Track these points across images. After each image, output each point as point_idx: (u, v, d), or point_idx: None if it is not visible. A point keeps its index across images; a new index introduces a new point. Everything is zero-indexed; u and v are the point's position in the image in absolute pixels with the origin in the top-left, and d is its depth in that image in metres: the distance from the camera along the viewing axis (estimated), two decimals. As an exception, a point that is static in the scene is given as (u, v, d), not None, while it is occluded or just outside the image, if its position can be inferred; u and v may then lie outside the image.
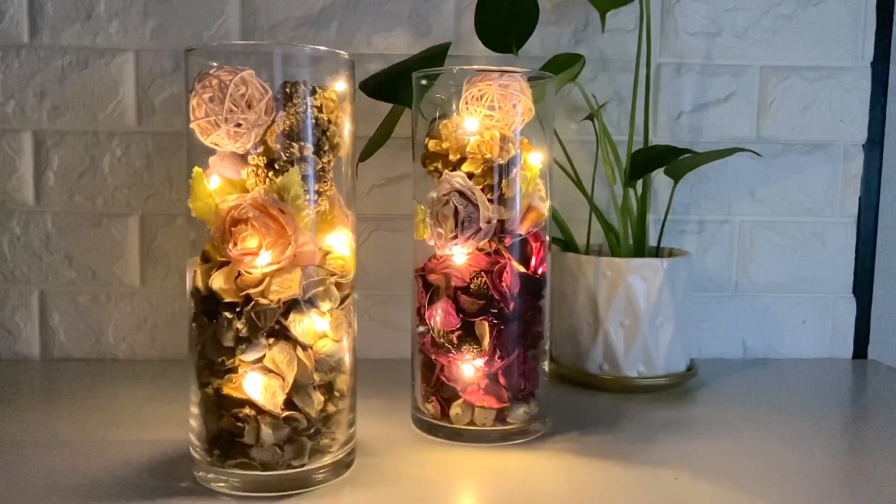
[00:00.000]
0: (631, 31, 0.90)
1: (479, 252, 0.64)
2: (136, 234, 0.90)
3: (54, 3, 0.87)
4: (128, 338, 0.91)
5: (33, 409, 0.73)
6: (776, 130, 0.92)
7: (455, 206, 0.63)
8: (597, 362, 0.80)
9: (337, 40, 0.89)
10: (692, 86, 0.91)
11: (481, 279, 0.64)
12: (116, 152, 0.89)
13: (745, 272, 0.94)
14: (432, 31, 0.89)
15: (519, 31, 0.74)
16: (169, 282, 0.90)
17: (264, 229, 0.52)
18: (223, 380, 0.54)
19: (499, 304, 0.63)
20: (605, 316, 0.78)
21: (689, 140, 0.92)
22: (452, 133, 0.66)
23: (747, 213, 0.93)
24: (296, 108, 0.54)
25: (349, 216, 0.58)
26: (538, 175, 0.66)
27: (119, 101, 0.88)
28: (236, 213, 0.53)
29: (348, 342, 0.58)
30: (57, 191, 0.89)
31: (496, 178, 0.64)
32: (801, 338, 0.95)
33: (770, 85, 0.92)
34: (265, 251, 0.53)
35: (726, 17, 0.91)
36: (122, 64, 0.88)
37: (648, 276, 0.77)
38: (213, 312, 0.54)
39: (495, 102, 0.64)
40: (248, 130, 0.54)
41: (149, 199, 0.89)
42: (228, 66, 0.54)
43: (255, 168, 0.54)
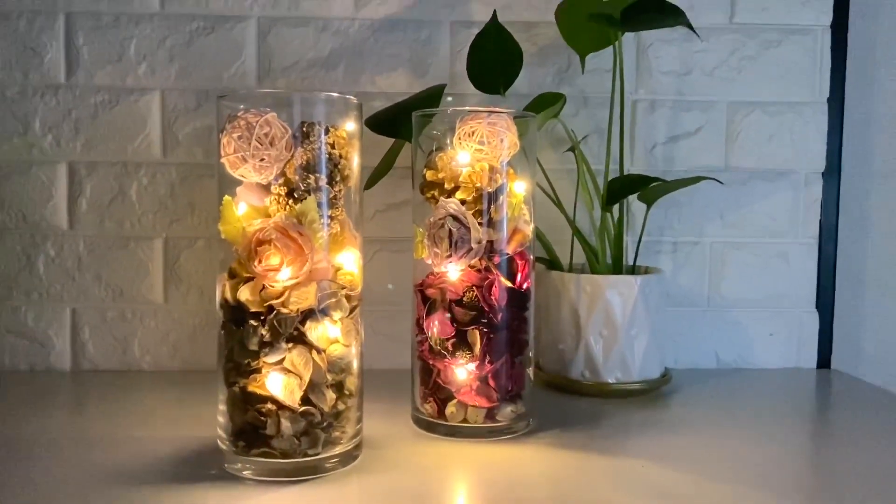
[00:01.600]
0: (608, 71, 0.99)
1: (471, 269, 0.73)
2: (160, 256, 0.98)
3: (89, 47, 0.96)
4: (152, 350, 0.99)
5: (68, 413, 0.81)
6: (742, 160, 1.02)
7: (450, 229, 0.72)
8: (579, 369, 0.88)
9: (344, 80, 0.98)
10: (665, 120, 1.01)
11: (473, 293, 0.72)
12: (143, 181, 0.98)
13: (716, 289, 1.03)
14: (430, 72, 0.99)
15: (506, 75, 0.83)
16: (190, 299, 0.99)
17: (285, 249, 0.61)
18: (248, 379, 0.62)
19: (488, 315, 0.72)
20: (585, 327, 0.87)
21: (664, 169, 1.01)
22: (447, 165, 0.75)
23: (717, 235, 1.02)
24: (312, 145, 0.63)
25: (357, 237, 0.67)
26: (522, 201, 0.75)
27: (146, 135, 0.97)
28: (261, 235, 0.62)
29: (356, 348, 0.66)
30: (89, 216, 0.97)
31: (486, 205, 0.72)
32: (769, 349, 1.03)
33: (736, 119, 1.01)
34: (286, 267, 0.61)
35: (696, 58, 1.00)
36: (150, 102, 0.97)
37: (624, 292, 0.86)
38: (239, 321, 0.63)
39: (485, 138, 0.73)
40: (271, 164, 0.63)
41: (172, 223, 0.98)
42: (254, 110, 0.63)
43: (277, 196, 0.63)
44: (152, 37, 0.97)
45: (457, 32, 0.98)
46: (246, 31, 0.97)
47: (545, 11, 0.98)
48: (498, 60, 0.83)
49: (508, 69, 0.84)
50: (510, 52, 0.84)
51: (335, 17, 0.98)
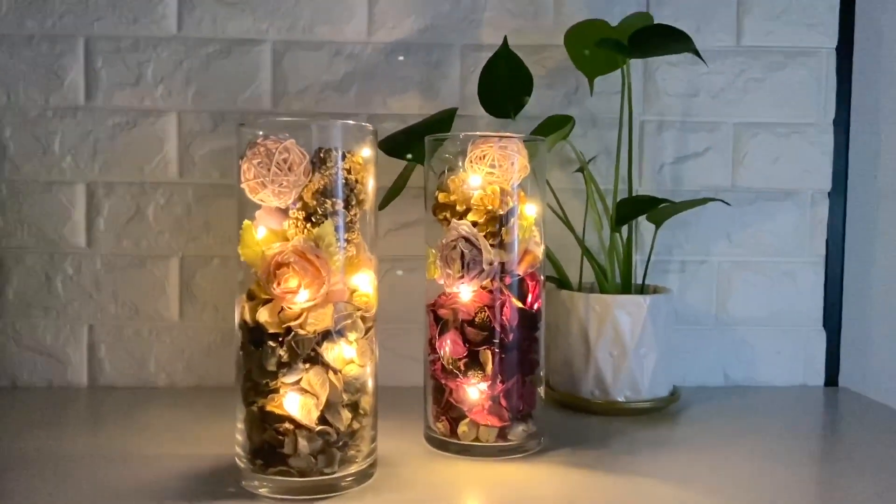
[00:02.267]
0: (616, 93, 1.01)
1: (483, 290, 0.74)
2: (176, 274, 1.00)
3: (108, 70, 0.99)
4: (167, 367, 1.01)
5: (85, 430, 0.83)
6: (749, 180, 1.03)
7: (462, 251, 0.73)
8: (588, 388, 0.89)
9: (357, 102, 1.00)
10: (673, 140, 1.02)
11: (485, 313, 0.74)
12: (160, 201, 1.00)
13: (723, 307, 1.04)
14: (440, 95, 1.01)
15: (516, 99, 0.85)
16: (205, 316, 1.00)
17: (303, 271, 0.63)
18: (267, 399, 0.64)
19: (500, 336, 0.74)
20: (595, 346, 0.88)
21: (671, 189, 1.02)
22: (459, 187, 0.77)
23: (724, 254, 1.03)
24: (329, 170, 0.65)
25: (372, 259, 0.69)
26: (533, 223, 0.76)
27: (163, 156, 1.00)
28: (280, 258, 0.63)
29: (371, 368, 0.68)
30: (106, 235, 0.99)
31: (497, 227, 0.74)
32: (776, 367, 1.04)
33: (743, 140, 1.03)
34: (304, 290, 0.63)
35: (702, 80, 1.02)
36: (167, 123, 0.99)
37: (633, 311, 0.87)
38: (258, 342, 0.64)
39: (496, 162, 0.75)
40: (290, 189, 0.65)
41: (188, 242, 1.00)
42: (273, 136, 0.65)
43: (295, 220, 0.65)
44: (169, 60, 0.99)
45: (467, 56, 1.00)
46: (261, 54, 0.99)
47: (554, 35, 1.00)
48: (508, 85, 0.85)
49: (519, 93, 0.85)
50: (521, 76, 0.86)
51: (349, 41, 1.00)
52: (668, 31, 0.82)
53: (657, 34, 0.82)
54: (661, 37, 0.82)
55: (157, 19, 0.98)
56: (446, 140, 0.78)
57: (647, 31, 0.83)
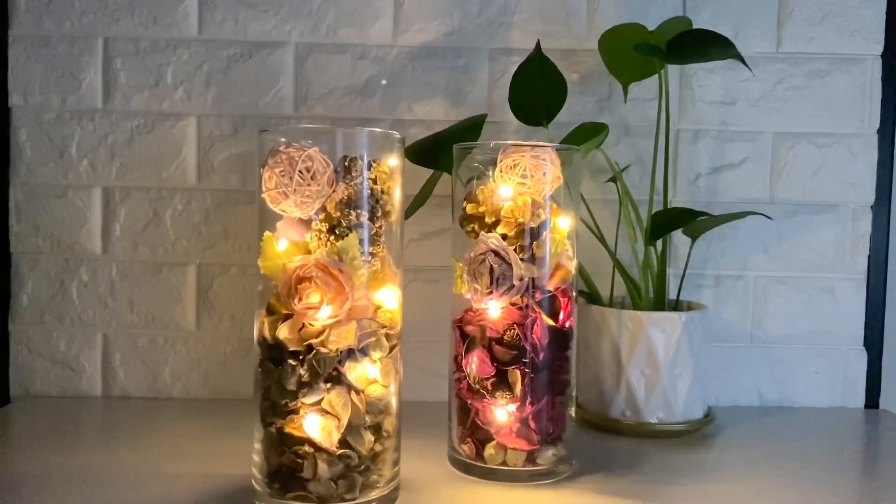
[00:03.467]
0: (651, 101, 0.97)
1: (512, 306, 0.71)
2: (193, 282, 0.97)
3: (126, 72, 0.96)
4: (182, 378, 0.98)
5: (97, 443, 0.80)
6: (788, 192, 0.99)
7: (490, 265, 0.70)
8: (619, 408, 0.85)
9: (381, 107, 0.97)
10: (709, 150, 0.98)
11: (514, 331, 0.70)
12: (178, 207, 0.97)
13: (759, 325, 1.00)
14: (468, 100, 0.97)
15: (549, 107, 0.82)
16: (222, 326, 0.98)
17: (325, 286, 0.60)
18: (286, 420, 0.61)
19: (530, 355, 0.70)
20: (627, 365, 0.84)
21: (706, 200, 0.98)
22: (488, 198, 0.73)
23: (761, 269, 0.99)
24: (354, 180, 0.62)
25: (398, 274, 0.66)
26: (566, 237, 0.73)
27: (181, 161, 0.97)
28: (301, 272, 0.60)
29: (395, 387, 0.65)
30: (122, 242, 0.97)
31: (528, 240, 0.70)
32: (814, 388, 1.00)
33: (782, 150, 0.98)
34: (326, 306, 0.60)
35: (740, 88, 0.98)
36: (185, 127, 0.97)
37: (667, 329, 0.83)
38: (277, 359, 0.61)
39: (527, 171, 0.72)
40: (313, 200, 0.61)
41: (206, 250, 0.97)
42: (296, 144, 0.62)
43: (317, 232, 0.61)
44: (190, 62, 0.96)
45: (496, 60, 0.97)
46: (283, 57, 0.96)
47: (586, 39, 0.97)
48: (541, 92, 0.82)
49: (552, 101, 0.82)
50: (554, 83, 0.82)
51: (373, 44, 0.97)
52: (708, 36, 0.78)
53: (697, 39, 0.78)
54: (701, 42, 0.78)
55: (177, 20, 0.96)
56: (475, 148, 0.74)
57: (686, 36, 0.79)
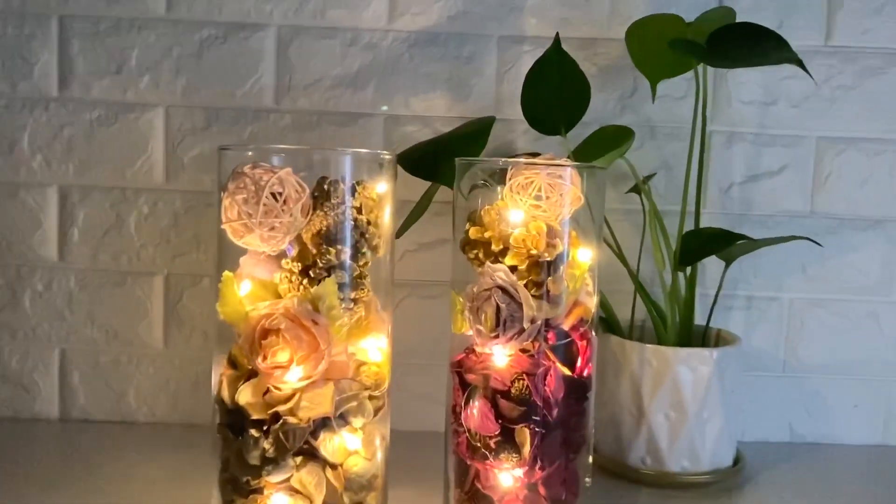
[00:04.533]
0: (681, 99, 0.86)
1: (522, 353, 0.60)
2: (160, 295, 0.87)
3: (85, 56, 0.84)
4: (149, 400, 0.88)
5: (53, 472, 0.72)
6: (831, 205, 0.88)
7: (497, 304, 0.59)
8: (639, 455, 0.75)
9: (374, 101, 0.86)
10: (744, 156, 0.87)
11: (523, 383, 0.60)
12: (143, 210, 0.86)
13: (793, 352, 0.89)
14: (472, 94, 0.86)
15: (568, 113, 0.70)
16: (193, 344, 0.87)
17: (296, 342, 0.49)
18: (247, 500, 0.51)
19: (541, 411, 0.60)
20: (649, 407, 0.74)
21: (739, 213, 0.87)
22: (495, 221, 0.62)
23: (798, 290, 0.88)
24: (334, 208, 0.51)
25: (386, 319, 0.55)
26: (586, 272, 0.62)
27: (147, 158, 0.86)
28: (267, 324, 0.49)
29: (381, 455, 0.54)
30: (81, 248, 0.86)
31: (542, 275, 0.60)
32: (852, 423, 0.90)
33: (826, 157, 0.87)
34: (296, 366, 0.49)
35: (782, 86, 0.86)
36: (152, 119, 0.85)
37: (697, 368, 0.73)
38: (238, 427, 0.51)
39: (543, 191, 0.61)
40: (283, 234, 0.51)
41: (175, 258, 0.87)
42: (264, 164, 0.51)
43: (288, 274, 0.51)
44: (157, 46, 0.84)
45: (505, 49, 0.85)
46: (264, 41, 0.85)
47: (608, 27, 0.85)
48: (559, 95, 0.70)
49: (571, 106, 0.70)
50: (575, 85, 0.70)
51: (366, 28, 0.85)
52: (756, 32, 0.66)
53: (743, 36, 0.67)
54: (747, 39, 0.66)
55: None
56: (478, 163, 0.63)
57: (729, 31, 0.67)
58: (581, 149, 0.76)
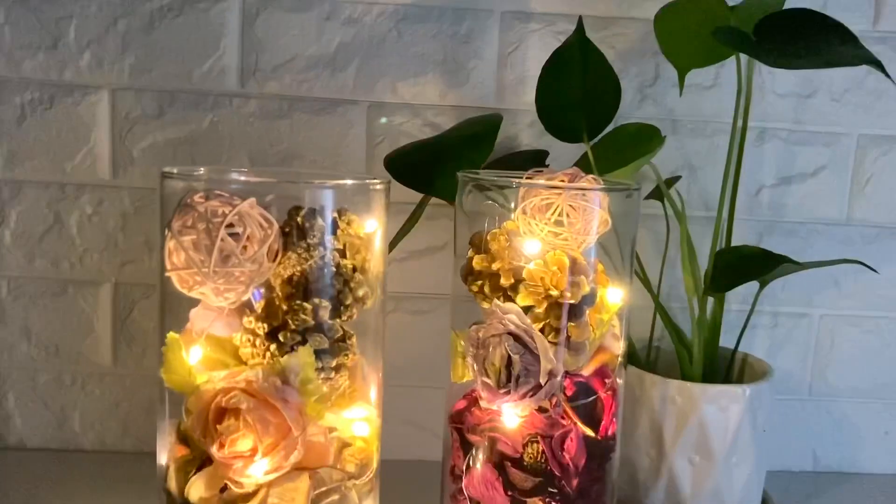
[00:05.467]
0: (709, 89, 0.75)
1: (537, 412, 0.50)
2: (107, 307, 0.76)
3: (12, 27, 0.71)
4: (96, 425, 0.77)
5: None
6: (869, 212, 0.78)
7: (508, 355, 0.49)
8: (657, 501, 0.66)
9: (356, 85, 0.74)
10: (777, 155, 0.77)
11: (537, 448, 0.50)
12: (86, 209, 0.74)
13: (821, 374, 0.80)
14: (470, 80, 0.74)
15: (593, 117, 0.58)
16: (146, 363, 0.76)
17: (261, 426, 0.38)
18: None
19: (559, 482, 0.50)
20: (671, 450, 0.65)
21: (769, 220, 0.77)
22: (505, 248, 0.52)
23: (830, 306, 0.79)
24: (309, 250, 0.40)
25: (375, 381, 0.44)
26: (615, 314, 0.52)
27: (90, 149, 0.74)
28: (224, 402, 0.39)
29: (368, 549, 0.44)
30: (14, 253, 0.74)
31: (563, 319, 0.49)
32: (881, 451, 0.81)
33: (868, 158, 0.77)
34: (262, 457, 0.39)
35: (821, 77, 0.76)
36: (95, 104, 0.73)
37: (727, 407, 0.64)
38: (189, 529, 0.40)
39: (564, 216, 0.50)
40: (245, 284, 0.39)
41: (124, 265, 0.75)
42: (220, 193, 0.40)
43: (250, 337, 0.40)
44: (99, 17, 0.72)
45: (509, 27, 0.73)
46: (226, 14, 0.72)
47: (628, 5, 0.73)
48: (583, 95, 0.58)
49: (597, 109, 0.58)
50: (602, 81, 0.59)
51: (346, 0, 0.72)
52: (813, 21, 0.56)
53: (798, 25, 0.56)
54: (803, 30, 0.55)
55: (80, -42, 0.71)
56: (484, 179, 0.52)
57: (781, 20, 0.56)
58: (597, 151, 0.65)
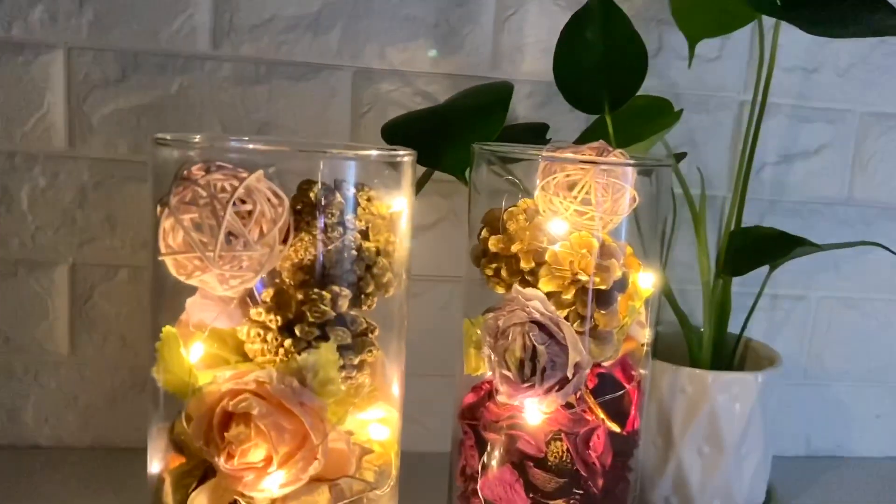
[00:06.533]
0: (713, 61, 0.72)
1: (563, 408, 0.46)
2: (64, 290, 0.69)
3: (-48, -25, 0.63)
4: (52, 420, 0.71)
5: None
6: (871, 191, 0.76)
7: (532, 345, 0.44)
8: (663, 494, 0.63)
9: (340, 49, 0.68)
10: (780, 132, 0.74)
11: (561, 446, 0.46)
12: (39, 182, 0.67)
13: (817, 358, 0.79)
14: (465, 46, 0.69)
15: (616, 87, 0.54)
16: (107, 351, 0.70)
17: (276, 434, 0.33)
18: None
19: (585, 483, 0.46)
20: (680, 440, 0.62)
21: (770, 198, 0.75)
22: (524, 229, 0.47)
23: (828, 288, 0.77)
24: (327, 232, 0.35)
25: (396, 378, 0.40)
26: (645, 301, 0.48)
27: (43, 115, 0.66)
28: (232, 406, 0.33)
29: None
30: (-43, 229, 0.67)
31: (589, 306, 0.45)
32: (872, 435, 0.80)
33: (870, 136, 0.75)
34: (277, 469, 0.33)
35: (827, 50, 0.73)
36: (49, 65, 0.65)
37: (740, 396, 0.61)
38: (189, 551, 0.35)
39: (590, 194, 0.46)
40: (254, 271, 0.34)
41: (82, 245, 0.68)
42: (223, 166, 0.34)
43: (261, 331, 0.34)
44: (53, -34, 0.64)
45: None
46: (197, -33, 0.65)
47: (632, -33, 0.69)
48: (605, 61, 0.54)
49: (621, 77, 0.54)
50: (626, 45, 0.54)
51: (332, -45, 0.67)
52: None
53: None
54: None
55: None
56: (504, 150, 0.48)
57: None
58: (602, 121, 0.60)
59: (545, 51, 0.69)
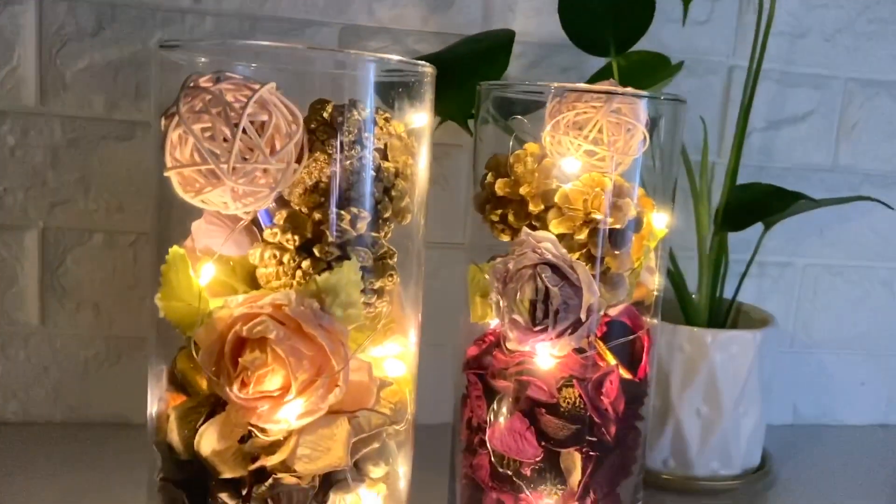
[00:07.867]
0: (703, 24, 0.71)
1: (574, 353, 0.45)
2: (34, 255, 0.65)
3: (-86, -82, 0.60)
4: (20, 394, 0.67)
5: None
6: (855, 158, 0.77)
7: (546, 287, 0.43)
8: (661, 456, 0.62)
9: (326, 5, 0.66)
10: (768, 98, 0.74)
11: (573, 392, 0.44)
12: (8, 140, 0.64)
13: (805, 326, 0.79)
14: (456, 3, 0.67)
15: (622, 28, 0.53)
16: (81, 320, 0.66)
17: (294, 360, 0.31)
18: None
19: (598, 430, 0.44)
20: (677, 400, 0.61)
21: (757, 165, 0.75)
22: (532, 171, 0.46)
23: (814, 255, 0.77)
24: (345, 149, 0.33)
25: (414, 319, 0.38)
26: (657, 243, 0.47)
27: (12, 70, 0.63)
28: (246, 331, 0.31)
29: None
30: (-82, 190, 0.63)
31: (599, 248, 0.44)
32: (855, 402, 0.81)
33: (854, 102, 0.75)
34: (296, 397, 0.31)
35: (814, 16, 0.73)
36: (18, 16, 0.62)
37: (738, 354, 0.60)
38: (196, 490, 0.32)
39: (604, 133, 0.44)
40: (269, 188, 0.32)
41: (54, 207, 0.65)
42: (232, 76, 0.32)
43: (276, 251, 0.32)
44: None
45: (499, -57, 0.67)
46: (178, -85, 0.63)
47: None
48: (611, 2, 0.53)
49: (628, 17, 0.53)
50: None
51: None
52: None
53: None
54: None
55: None
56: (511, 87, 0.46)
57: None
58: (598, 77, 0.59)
59: (536, 10, 0.68)
